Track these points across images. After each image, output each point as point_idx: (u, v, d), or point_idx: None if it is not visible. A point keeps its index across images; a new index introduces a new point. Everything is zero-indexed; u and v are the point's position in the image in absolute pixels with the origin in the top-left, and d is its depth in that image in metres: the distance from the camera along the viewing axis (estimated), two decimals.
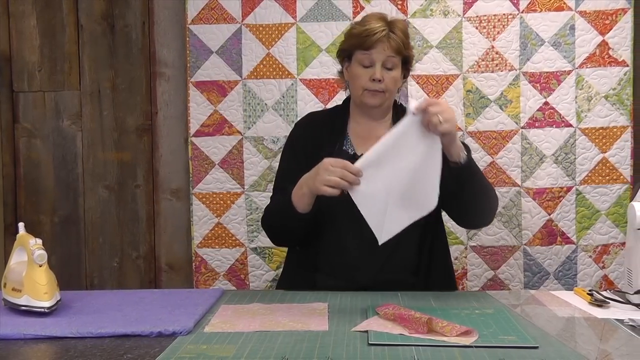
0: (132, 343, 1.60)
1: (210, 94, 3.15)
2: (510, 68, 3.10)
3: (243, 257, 3.17)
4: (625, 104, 3.08)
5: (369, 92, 2.21)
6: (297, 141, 2.34)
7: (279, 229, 2.28)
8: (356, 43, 2.22)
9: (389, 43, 2.18)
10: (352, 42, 2.24)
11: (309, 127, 2.36)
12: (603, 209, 3.11)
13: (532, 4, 3.10)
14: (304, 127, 2.38)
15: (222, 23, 3.14)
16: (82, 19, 3.24)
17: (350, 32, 2.28)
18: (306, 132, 2.35)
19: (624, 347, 1.58)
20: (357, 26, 2.25)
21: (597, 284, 3.10)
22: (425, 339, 1.60)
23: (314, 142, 2.27)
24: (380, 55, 2.19)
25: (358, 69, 2.22)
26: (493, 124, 3.10)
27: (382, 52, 2.19)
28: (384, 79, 2.19)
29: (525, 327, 1.73)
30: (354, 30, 2.26)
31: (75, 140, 3.27)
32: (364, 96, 2.23)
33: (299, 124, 2.43)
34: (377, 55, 2.19)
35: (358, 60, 2.22)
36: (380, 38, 2.17)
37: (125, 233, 3.29)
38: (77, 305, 1.93)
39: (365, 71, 2.21)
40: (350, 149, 2.27)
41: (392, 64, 2.21)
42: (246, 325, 1.74)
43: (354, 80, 2.25)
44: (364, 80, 2.21)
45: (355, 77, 2.23)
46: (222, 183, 3.17)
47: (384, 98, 2.23)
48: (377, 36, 2.17)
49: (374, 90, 2.21)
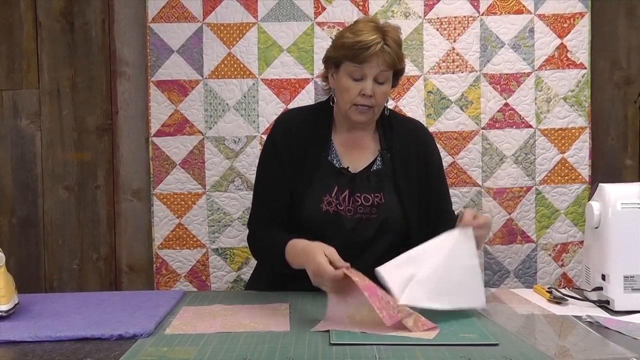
0: (92, 346, 1.59)
1: (171, 93, 3.13)
2: (471, 69, 3.12)
3: (204, 258, 3.15)
4: (583, 105, 3.13)
5: (357, 108, 2.10)
6: (281, 148, 2.19)
7: (268, 264, 2.24)
8: (347, 55, 2.07)
9: (383, 57, 2.05)
10: (343, 52, 2.08)
11: (291, 131, 2.20)
12: (562, 208, 3.15)
13: (492, 7, 3.13)
14: (286, 132, 2.21)
15: (183, 22, 3.12)
16: (40, 16, 3.19)
17: (341, 41, 2.11)
18: (289, 137, 2.19)
19: (582, 342, 1.60)
20: (349, 35, 2.09)
21: (556, 282, 3.14)
22: (386, 336, 1.61)
23: (298, 150, 2.17)
24: (373, 70, 2.06)
25: (347, 82, 2.09)
26: (454, 124, 3.13)
27: (375, 67, 2.06)
28: (374, 94, 2.08)
29: (486, 324, 1.75)
30: (345, 40, 2.08)
31: (34, 140, 3.22)
32: (351, 111, 2.11)
33: (281, 126, 2.25)
34: (370, 70, 2.06)
35: (348, 72, 2.09)
36: (375, 52, 2.04)
37: (85, 234, 3.24)
38: (36, 309, 1.91)
39: (355, 85, 2.08)
40: (335, 160, 2.19)
41: (384, 78, 2.09)
42: (207, 327, 1.73)
43: (341, 93, 2.12)
44: (352, 95, 2.08)
45: (344, 89, 2.10)
46: (183, 183, 3.15)
47: (372, 114, 2.13)
48: (372, 50, 2.03)
49: (362, 105, 2.09)
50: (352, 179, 2.16)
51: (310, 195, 2.14)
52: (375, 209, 2.14)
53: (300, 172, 2.16)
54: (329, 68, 2.20)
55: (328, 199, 2.13)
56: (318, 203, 2.13)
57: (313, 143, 2.19)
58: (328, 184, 2.15)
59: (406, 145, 2.22)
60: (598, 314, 1.86)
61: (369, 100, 2.08)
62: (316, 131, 2.21)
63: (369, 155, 2.22)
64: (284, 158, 2.17)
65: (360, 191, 2.15)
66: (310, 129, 2.21)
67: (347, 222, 2.13)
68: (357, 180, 2.16)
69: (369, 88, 2.07)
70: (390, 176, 2.18)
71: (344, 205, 2.13)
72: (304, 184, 2.15)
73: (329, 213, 2.12)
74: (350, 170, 2.17)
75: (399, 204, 2.16)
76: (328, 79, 2.21)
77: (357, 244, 2.12)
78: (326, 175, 2.16)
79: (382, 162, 2.20)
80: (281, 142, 2.20)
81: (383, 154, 2.20)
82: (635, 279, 1.90)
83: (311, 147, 2.18)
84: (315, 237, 2.08)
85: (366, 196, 2.14)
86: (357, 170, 2.18)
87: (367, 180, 2.17)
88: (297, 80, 3.11)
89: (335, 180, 2.15)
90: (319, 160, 2.17)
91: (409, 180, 2.19)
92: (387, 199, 2.15)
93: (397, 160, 2.19)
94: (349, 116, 2.13)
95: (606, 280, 1.93)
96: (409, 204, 2.17)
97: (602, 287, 1.95)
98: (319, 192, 2.14)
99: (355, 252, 2.08)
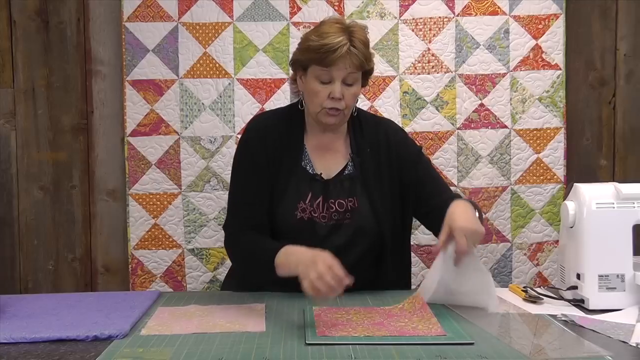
0: (67, 348, 1.58)
1: (146, 93, 3.11)
2: (446, 70, 3.14)
3: (180, 259, 3.14)
4: (558, 106, 3.15)
5: (327, 112, 2.08)
6: (256, 152, 2.16)
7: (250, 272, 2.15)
8: (314, 58, 2.04)
9: (350, 59, 2.02)
10: (310, 56, 2.05)
11: (267, 136, 2.17)
12: (537, 208, 3.17)
13: (467, 8, 3.14)
14: (261, 136, 2.17)
15: (159, 21, 3.10)
16: (14, 15, 3.16)
17: (306, 45, 2.08)
18: (263, 142, 2.16)
19: (557, 341, 1.61)
20: (315, 37, 2.05)
21: (531, 281, 3.17)
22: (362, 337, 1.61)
23: (273, 155, 2.14)
24: (341, 72, 2.03)
25: (315, 85, 2.07)
26: (429, 124, 3.14)
27: (342, 70, 2.03)
28: (343, 97, 2.05)
29: (461, 323, 1.75)
30: (311, 44, 2.05)
31: (8, 139, 3.19)
32: (321, 115, 2.09)
33: (256, 129, 2.22)
34: (337, 72, 2.03)
35: (315, 76, 2.06)
36: (342, 55, 2.00)
37: (60, 235, 3.22)
38: (11, 310, 1.90)
39: (324, 88, 2.05)
40: (309, 166, 2.17)
41: (353, 80, 2.07)
42: (183, 328, 1.73)
43: (310, 96, 2.10)
44: (321, 98, 2.06)
45: (312, 93, 2.08)
46: (159, 183, 3.13)
47: (342, 117, 2.11)
48: (338, 53, 2.00)
49: (332, 108, 2.06)
50: (325, 185, 2.15)
51: (284, 202, 2.12)
52: (350, 213, 2.13)
53: (275, 178, 2.14)
54: (296, 71, 2.17)
55: (302, 205, 2.12)
56: (292, 210, 2.11)
57: (286, 148, 2.17)
58: (302, 191, 2.13)
59: (376, 147, 2.21)
60: (573, 312, 1.88)
61: (339, 103, 2.06)
62: (289, 136, 2.19)
63: (341, 159, 2.20)
64: (260, 161, 2.14)
65: (334, 197, 2.14)
66: (283, 132, 2.19)
67: (321, 229, 2.12)
68: (331, 186, 2.15)
69: (337, 91, 2.04)
70: (362, 181, 2.17)
71: (318, 211, 2.12)
72: (278, 190, 2.13)
73: (303, 220, 2.11)
74: (323, 176, 2.16)
75: (371, 208, 2.15)
76: (297, 81, 2.19)
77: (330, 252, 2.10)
78: (300, 182, 2.14)
79: (353, 166, 2.19)
80: (256, 146, 2.17)
81: (354, 158, 2.19)
82: (610, 278, 1.92)
83: (285, 152, 2.16)
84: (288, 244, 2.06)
85: (340, 202, 2.14)
86: (330, 176, 2.17)
87: (340, 185, 2.16)
88: (273, 80, 3.11)
89: (309, 187, 2.14)
90: (293, 167, 2.15)
91: (381, 183, 2.18)
92: (361, 203, 2.14)
93: (368, 164, 2.18)
94: (319, 119, 2.12)
95: (581, 279, 1.95)
96: (381, 208, 2.15)
97: (577, 286, 1.96)
98: (293, 199, 2.12)
99: None
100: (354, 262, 1.98)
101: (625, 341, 1.62)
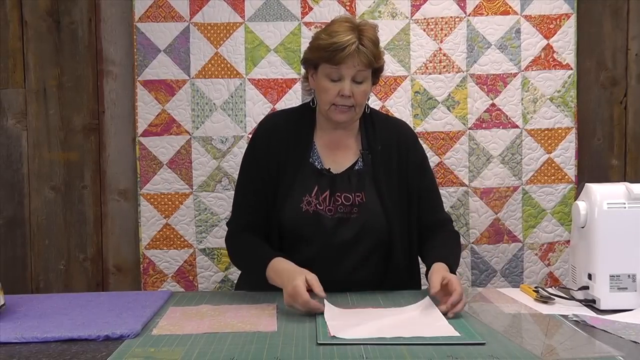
0: (78, 347, 1.59)
1: (158, 93, 3.12)
2: (458, 70, 3.13)
3: (192, 259, 3.15)
4: (569, 106, 3.14)
5: (337, 108, 2.11)
6: (259, 154, 2.20)
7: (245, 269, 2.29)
8: (323, 56, 2.07)
9: (359, 58, 2.05)
10: (319, 54, 2.09)
11: (271, 135, 2.21)
12: (548, 208, 3.16)
13: (478, 8, 3.14)
14: (266, 136, 2.22)
15: (170, 21, 3.11)
16: (26, 15, 3.18)
17: (317, 43, 2.12)
18: (267, 141, 2.20)
19: (568, 341, 1.61)
20: (324, 36, 2.09)
21: (542, 281, 3.16)
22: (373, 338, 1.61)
23: (279, 153, 2.17)
24: (350, 70, 2.06)
25: (325, 83, 2.10)
26: (441, 124, 3.13)
27: (351, 68, 2.06)
28: (353, 94, 2.08)
29: (473, 323, 1.75)
30: (321, 42, 2.09)
31: (20, 139, 3.20)
32: (331, 111, 2.12)
33: (263, 129, 2.27)
34: (347, 70, 2.06)
35: (325, 74, 2.09)
36: (351, 53, 2.03)
37: (72, 235, 3.23)
38: (22, 310, 1.90)
39: (334, 85, 2.08)
40: (317, 161, 2.19)
41: (363, 78, 2.09)
42: (194, 327, 1.73)
43: (321, 94, 2.13)
44: (331, 95, 2.09)
45: (323, 90, 2.11)
46: (170, 183, 3.14)
47: (353, 114, 2.14)
48: (347, 51, 2.03)
49: (342, 105, 2.09)
50: (332, 179, 2.16)
51: (290, 196, 2.14)
52: (357, 208, 2.14)
53: (281, 175, 2.16)
54: (308, 69, 2.21)
55: (307, 198, 2.13)
56: (297, 203, 2.13)
57: (294, 145, 2.19)
58: (308, 185, 2.15)
59: (387, 146, 2.22)
60: (584, 313, 1.87)
61: (348, 100, 2.09)
62: (298, 133, 2.21)
63: (351, 155, 2.22)
64: (262, 164, 2.18)
65: (340, 191, 2.15)
66: (292, 130, 2.21)
67: (327, 222, 2.13)
68: (338, 180, 2.16)
69: (347, 89, 2.07)
70: (371, 176, 2.18)
71: (324, 205, 2.13)
72: (285, 186, 2.15)
73: (308, 213, 2.12)
74: (332, 171, 2.17)
75: (380, 204, 2.15)
76: (308, 79, 2.21)
77: (337, 247, 2.12)
78: (306, 177, 2.16)
79: (363, 162, 2.20)
80: (260, 147, 2.21)
81: (364, 154, 2.20)
82: (621, 279, 1.92)
83: (292, 149, 2.19)
84: (294, 239, 2.09)
85: (347, 195, 2.14)
86: (339, 171, 2.18)
87: (347, 180, 2.17)
88: (284, 80, 3.11)
89: (315, 181, 2.15)
90: (300, 162, 2.17)
91: (390, 180, 2.19)
92: (369, 199, 2.15)
93: (378, 161, 2.19)
94: (330, 116, 2.14)
95: (592, 280, 1.94)
96: (390, 204, 2.16)
97: (589, 287, 1.96)
98: (298, 193, 2.14)
99: (336, 255, 2.09)
100: (362, 258, 1.99)
101: (636, 341, 1.61)
